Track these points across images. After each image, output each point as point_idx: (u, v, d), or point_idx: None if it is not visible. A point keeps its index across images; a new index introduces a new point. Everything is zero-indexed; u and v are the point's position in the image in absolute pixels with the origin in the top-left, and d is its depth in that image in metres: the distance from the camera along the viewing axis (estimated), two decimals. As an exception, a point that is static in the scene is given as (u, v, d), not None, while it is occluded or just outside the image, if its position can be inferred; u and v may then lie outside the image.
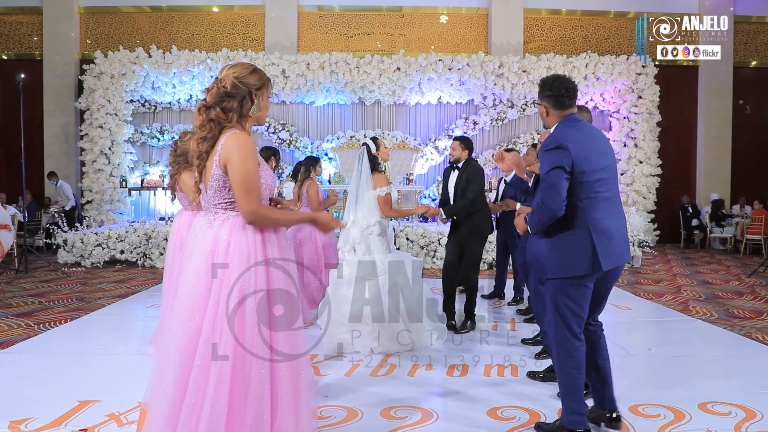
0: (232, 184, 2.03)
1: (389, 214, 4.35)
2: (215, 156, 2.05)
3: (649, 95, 11.58)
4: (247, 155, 2.03)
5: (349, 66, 11.10)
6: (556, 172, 2.59)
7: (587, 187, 2.62)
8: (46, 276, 7.82)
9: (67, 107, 12.01)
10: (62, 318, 5.20)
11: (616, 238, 2.67)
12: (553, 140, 2.65)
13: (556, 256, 2.67)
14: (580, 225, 2.62)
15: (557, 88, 2.73)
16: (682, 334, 4.82)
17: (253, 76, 2.10)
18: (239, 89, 2.07)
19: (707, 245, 12.20)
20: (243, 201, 2.02)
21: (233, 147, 2.02)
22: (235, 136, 2.04)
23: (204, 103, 2.08)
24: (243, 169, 2.01)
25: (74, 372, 3.64)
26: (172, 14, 12.42)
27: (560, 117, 2.76)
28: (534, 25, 12.65)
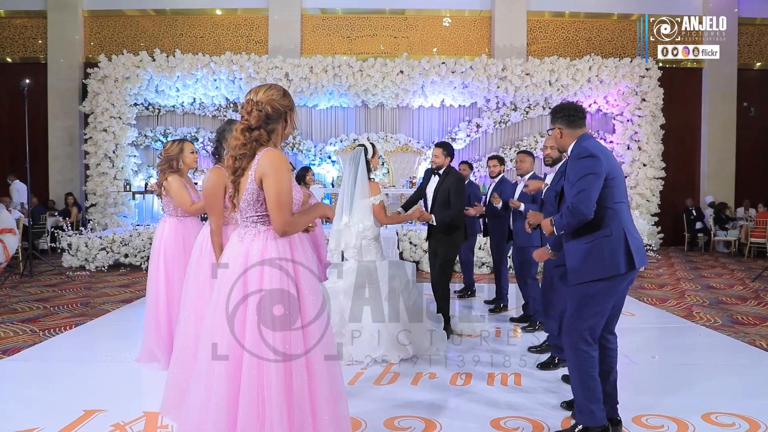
0: (267, 199, 2.15)
1: (385, 222, 4.36)
2: (250, 171, 2.17)
3: (653, 98, 11.56)
4: (282, 171, 2.15)
5: (353, 69, 11.11)
6: (590, 178, 2.71)
7: (617, 193, 2.78)
8: (50, 280, 7.85)
9: (72, 110, 12.06)
10: (67, 324, 5.22)
11: (639, 241, 2.82)
12: (584, 150, 2.80)
13: (592, 259, 2.75)
14: (616, 227, 2.74)
15: (567, 109, 2.93)
16: (686, 341, 4.81)
17: (286, 98, 2.25)
18: (278, 111, 2.23)
19: (711, 248, 12.16)
20: (276, 214, 2.14)
21: (269, 163, 2.14)
22: (271, 152, 2.17)
23: (247, 124, 2.20)
24: (278, 185, 2.13)
25: (79, 380, 3.66)
26: (175, 17, 12.46)
27: (574, 137, 2.92)
28: (537, 27, 12.64)
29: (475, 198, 6.41)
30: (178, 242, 3.82)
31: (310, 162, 12.12)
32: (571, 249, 2.85)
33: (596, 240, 2.75)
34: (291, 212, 2.17)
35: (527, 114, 12.06)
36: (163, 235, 3.89)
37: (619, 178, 2.80)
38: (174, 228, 3.88)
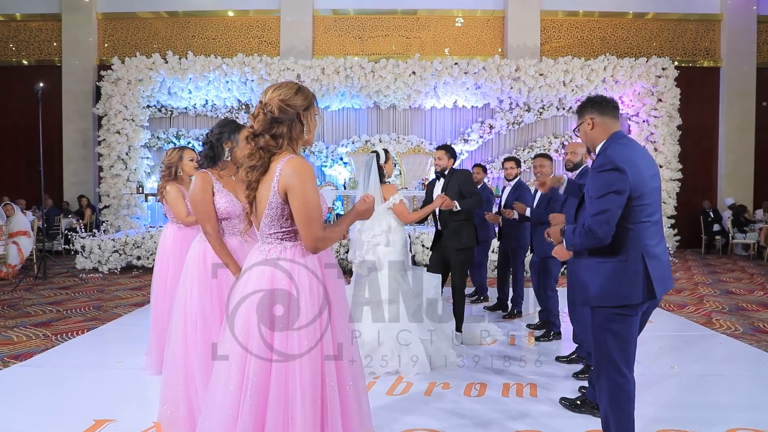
0: (294, 213, 1.94)
1: (410, 219, 4.29)
2: (272, 183, 1.95)
3: (670, 98, 11.38)
4: (308, 181, 1.93)
5: (364, 70, 11.06)
6: (611, 198, 2.39)
7: (639, 212, 2.44)
8: (64, 282, 7.88)
9: (86, 113, 12.14)
10: (79, 328, 5.22)
11: (663, 262, 2.52)
12: (609, 161, 2.43)
13: (606, 284, 2.46)
14: (634, 250, 2.44)
15: (597, 97, 2.65)
16: (706, 350, 4.69)
17: (298, 96, 1.99)
18: (287, 113, 1.97)
19: (729, 251, 11.95)
20: (306, 230, 1.93)
21: (293, 173, 1.92)
22: (294, 161, 1.94)
23: (252, 130, 1.99)
24: (305, 196, 1.91)
25: (90, 388, 3.64)
26: (188, 19, 12.49)
27: (607, 132, 2.58)
28: (551, 27, 12.50)
29: (488, 202, 6.31)
30: (176, 250, 3.76)
31: (322, 164, 12.09)
32: (585, 265, 2.56)
33: (612, 264, 2.46)
34: (322, 226, 1.95)
35: (541, 115, 11.93)
36: (164, 243, 3.87)
37: (649, 194, 2.45)
38: (173, 235, 3.85)
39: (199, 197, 2.84)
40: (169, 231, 3.91)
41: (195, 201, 2.86)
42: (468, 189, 4.70)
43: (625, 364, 2.49)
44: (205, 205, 2.84)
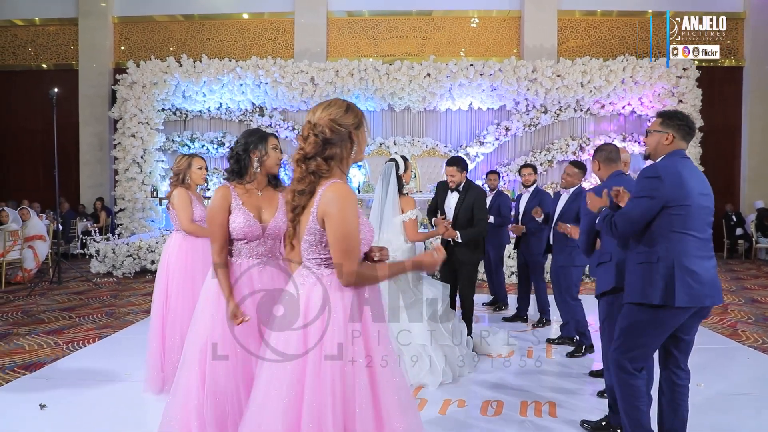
0: (330, 242, 1.82)
1: (415, 239, 4.17)
2: (312, 208, 1.84)
3: (691, 99, 11.11)
4: (347, 209, 1.80)
5: (379, 73, 10.96)
6: (641, 202, 2.60)
7: (680, 222, 2.58)
8: (78, 287, 7.90)
9: (102, 116, 12.21)
10: (91, 337, 5.19)
11: (702, 279, 2.58)
12: (653, 169, 2.66)
13: (634, 280, 2.66)
14: (665, 256, 2.57)
15: (688, 121, 2.77)
16: (734, 366, 4.51)
17: (349, 114, 1.88)
18: (339, 133, 1.85)
19: (753, 256, 11.64)
20: (341, 262, 1.80)
21: (333, 199, 1.80)
22: (335, 186, 1.82)
23: (303, 153, 1.86)
24: (343, 226, 1.79)
25: (98, 402, 3.59)
26: (203, 22, 12.50)
27: (672, 149, 2.74)
28: (568, 27, 12.29)
29: (505, 208, 6.18)
30: (180, 259, 3.64)
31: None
32: (627, 263, 2.79)
33: (643, 263, 2.63)
34: (358, 258, 1.83)
35: (558, 117, 11.72)
36: (167, 253, 3.74)
37: (695, 210, 2.58)
38: (178, 245, 3.71)
39: (211, 214, 2.61)
40: (174, 240, 3.77)
41: (207, 217, 2.70)
42: (479, 212, 4.60)
43: (634, 365, 2.68)
44: (216, 226, 2.59)
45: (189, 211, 3.66)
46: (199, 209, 3.77)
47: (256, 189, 2.68)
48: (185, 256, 3.63)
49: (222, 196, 2.59)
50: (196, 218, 3.72)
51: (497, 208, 6.20)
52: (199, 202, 3.83)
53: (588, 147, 11.73)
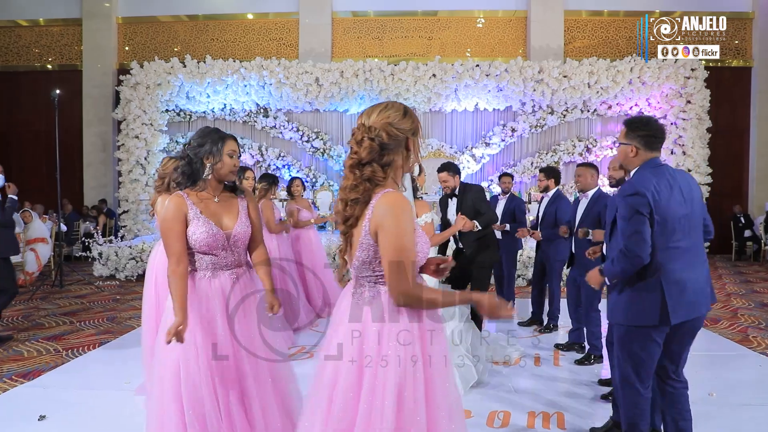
0: (382, 256, 1.67)
1: (433, 242, 4.07)
2: (364, 221, 1.70)
3: (699, 100, 10.98)
4: (404, 221, 1.65)
5: (384, 73, 10.88)
6: (638, 218, 2.47)
7: (663, 237, 2.51)
8: (80, 290, 7.85)
9: (106, 117, 12.18)
10: (91, 343, 5.13)
11: (690, 290, 2.54)
12: (631, 186, 2.54)
13: (625, 303, 2.60)
14: (651, 275, 2.51)
15: (651, 128, 2.61)
16: (746, 374, 4.40)
17: (407, 119, 1.74)
18: (396, 138, 1.71)
19: (762, 258, 11.49)
20: (393, 280, 1.64)
21: (387, 209, 1.65)
22: (389, 196, 1.68)
23: (357, 158, 1.71)
24: (397, 240, 1.64)
25: (96, 412, 3.51)
26: (207, 23, 12.46)
27: (645, 159, 2.62)
28: (575, 27, 12.17)
29: (520, 213, 6.05)
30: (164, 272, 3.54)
31: (341, 168, 11.94)
32: (615, 284, 2.69)
33: (629, 285, 2.58)
34: (413, 278, 1.67)
35: (564, 117, 11.61)
36: (153, 262, 3.55)
37: (670, 220, 2.49)
38: (162, 254, 3.46)
39: (166, 225, 2.32)
40: (159, 249, 3.53)
41: (162, 229, 2.36)
42: (482, 206, 4.58)
43: (638, 380, 2.62)
44: (170, 235, 2.31)
45: None
46: None
47: (212, 196, 2.43)
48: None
49: (176, 206, 2.32)
50: None
51: (512, 213, 6.03)
52: None
53: (595, 148, 11.62)
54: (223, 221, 2.41)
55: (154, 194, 3.61)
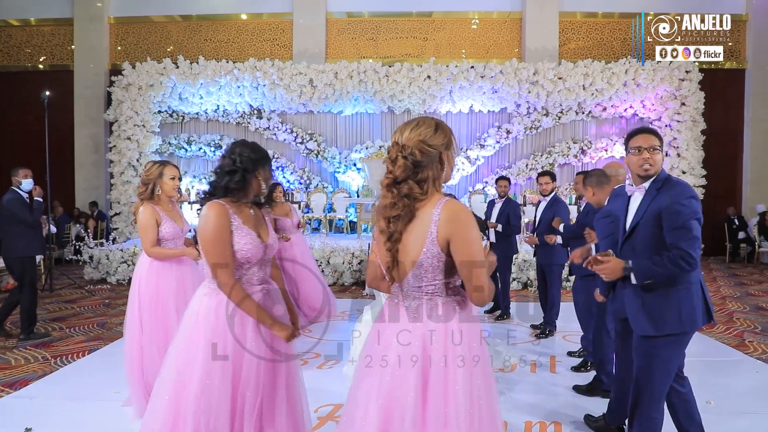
0: (459, 263, 1.72)
1: None
2: (427, 231, 1.72)
3: (693, 102, 10.98)
4: (472, 227, 1.73)
5: (378, 75, 10.82)
6: (697, 225, 2.49)
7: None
8: (70, 295, 7.74)
9: (97, 118, 12.06)
10: (80, 350, 5.03)
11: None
12: (690, 189, 2.56)
13: (678, 311, 2.52)
14: (695, 279, 2.56)
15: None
16: (743, 380, 4.36)
17: (439, 134, 1.77)
18: (429, 154, 1.75)
19: (755, 260, 11.51)
20: (474, 281, 1.72)
21: (456, 219, 1.71)
22: (453, 205, 1.73)
23: (392, 177, 1.76)
24: (472, 245, 1.71)
25: (84, 425, 3.43)
26: (200, 23, 12.36)
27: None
28: (569, 28, 12.15)
29: (515, 217, 6.01)
30: (151, 283, 3.36)
31: (335, 170, 11.88)
32: (639, 298, 2.58)
33: (675, 290, 2.52)
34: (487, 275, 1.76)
35: (559, 119, 11.60)
36: (137, 276, 3.43)
37: None
38: (147, 267, 3.40)
39: (216, 234, 2.19)
40: (143, 261, 3.43)
41: (208, 239, 2.19)
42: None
43: (662, 400, 2.61)
44: (222, 246, 2.20)
45: (152, 233, 3.34)
46: (169, 226, 3.41)
47: (248, 207, 2.37)
48: (156, 279, 3.36)
49: (223, 214, 2.21)
50: (166, 236, 3.39)
51: (506, 217, 6.03)
52: (170, 217, 3.45)
53: (589, 150, 11.60)
54: (261, 233, 2.34)
55: (137, 202, 3.49)
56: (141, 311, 3.34)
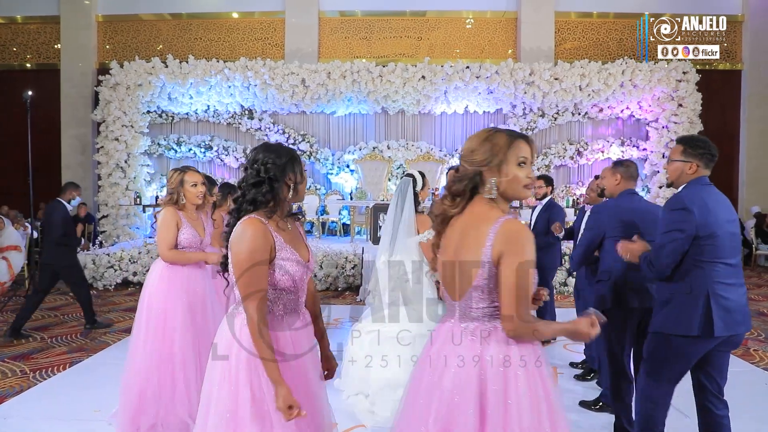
0: (502, 284, 1.61)
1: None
2: (482, 248, 1.63)
3: (691, 103, 10.86)
4: (529, 250, 1.63)
5: (372, 75, 10.62)
6: (673, 235, 2.57)
7: (710, 251, 2.57)
8: (54, 301, 7.49)
9: (84, 118, 11.78)
10: (61, 363, 4.80)
11: (735, 306, 2.59)
12: (679, 201, 2.62)
13: (670, 311, 2.63)
14: (700, 287, 2.56)
15: (710, 148, 2.69)
16: (754, 394, 4.20)
17: (497, 137, 1.71)
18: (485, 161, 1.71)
19: (752, 262, 11.42)
20: (512, 308, 1.60)
21: (513, 236, 1.62)
22: (513, 223, 1.64)
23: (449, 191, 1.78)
24: (523, 267, 1.60)
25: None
26: (190, 21, 12.12)
27: (698, 176, 2.69)
28: (565, 28, 12.01)
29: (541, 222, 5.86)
30: (161, 292, 3.15)
31: (328, 171, 11.68)
32: (659, 291, 2.76)
33: (675, 294, 2.62)
34: (528, 308, 1.64)
35: (555, 120, 11.45)
36: (149, 285, 3.23)
37: (723, 237, 2.56)
38: (159, 275, 3.21)
39: (254, 257, 1.86)
40: (157, 268, 3.25)
41: (242, 262, 1.86)
42: None
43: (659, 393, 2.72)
44: (259, 272, 1.86)
45: (170, 235, 3.18)
46: (188, 232, 3.24)
47: (285, 222, 2.02)
48: (167, 287, 3.15)
49: (263, 234, 1.88)
50: (183, 243, 3.22)
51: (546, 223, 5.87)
52: (192, 225, 3.29)
53: (586, 151, 11.47)
54: (301, 251, 2.02)
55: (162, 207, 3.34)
56: (147, 324, 3.13)
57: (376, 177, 11.16)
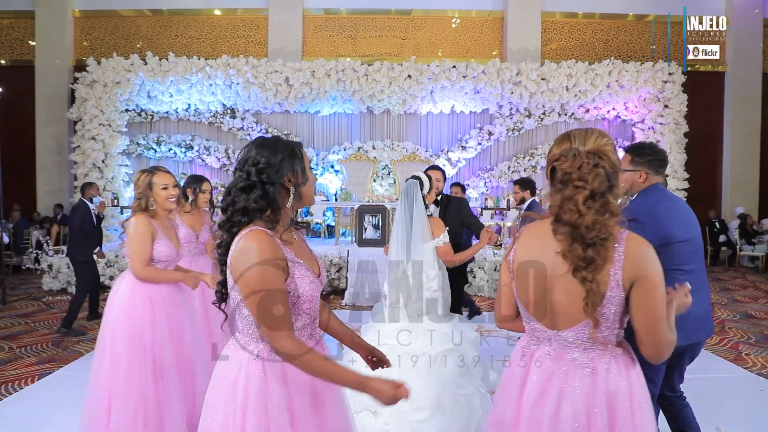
0: (641, 311, 1.44)
1: (454, 262, 3.62)
2: (610, 269, 1.45)
3: (677, 104, 10.84)
4: (660, 271, 1.47)
5: (357, 74, 10.42)
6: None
7: (666, 259, 2.26)
8: (26, 308, 7.17)
9: (60, 117, 11.42)
10: (30, 375, 4.53)
11: (692, 314, 2.33)
12: (629, 213, 2.35)
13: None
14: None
15: (656, 153, 2.62)
16: (749, 401, 4.11)
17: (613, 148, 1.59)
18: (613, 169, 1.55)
19: (736, 263, 11.46)
20: (657, 335, 1.45)
21: (647, 257, 1.46)
22: (640, 240, 1.49)
23: (588, 190, 1.48)
24: (662, 292, 1.45)
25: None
26: (171, 18, 11.81)
27: (650, 184, 2.61)
28: (551, 29, 11.95)
29: None
30: (130, 312, 2.71)
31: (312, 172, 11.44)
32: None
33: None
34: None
35: (542, 121, 11.37)
36: (113, 302, 2.78)
37: (674, 244, 2.45)
38: (129, 294, 2.76)
39: (263, 280, 1.55)
40: (124, 285, 2.79)
41: (254, 284, 1.54)
42: (468, 218, 4.53)
43: None
44: (277, 298, 1.57)
45: (145, 248, 2.75)
46: (164, 245, 2.84)
47: (290, 232, 1.73)
48: (139, 306, 2.72)
49: (272, 247, 1.58)
50: (159, 257, 2.82)
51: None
52: (166, 235, 2.91)
53: (572, 153, 11.40)
54: (313, 266, 1.74)
55: (130, 215, 2.92)
56: (115, 352, 2.68)
57: (361, 178, 10.98)
